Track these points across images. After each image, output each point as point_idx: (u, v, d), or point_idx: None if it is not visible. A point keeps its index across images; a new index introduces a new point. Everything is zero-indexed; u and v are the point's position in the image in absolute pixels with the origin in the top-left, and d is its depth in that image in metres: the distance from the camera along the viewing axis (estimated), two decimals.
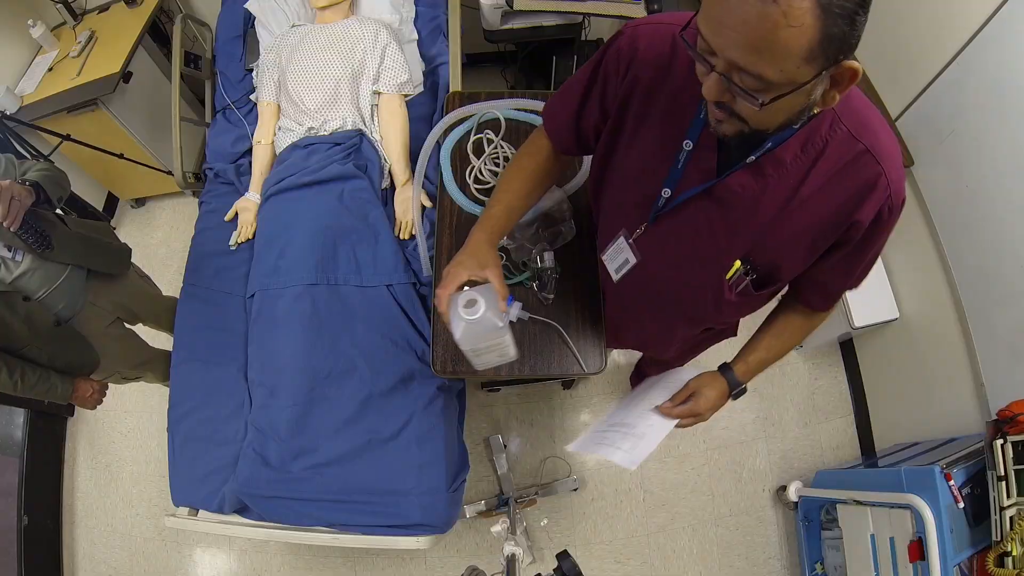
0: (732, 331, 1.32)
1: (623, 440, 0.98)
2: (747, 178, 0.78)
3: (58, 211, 1.47)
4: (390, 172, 1.89)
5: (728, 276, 0.90)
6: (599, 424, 1.10)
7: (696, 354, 1.42)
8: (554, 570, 0.92)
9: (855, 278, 0.91)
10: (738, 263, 0.88)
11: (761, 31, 0.54)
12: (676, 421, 1.03)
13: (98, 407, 1.60)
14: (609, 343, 1.40)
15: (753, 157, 0.75)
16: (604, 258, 1.07)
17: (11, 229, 1.19)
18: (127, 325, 1.75)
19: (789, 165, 0.75)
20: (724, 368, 1.05)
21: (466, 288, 0.92)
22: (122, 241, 1.70)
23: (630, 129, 0.89)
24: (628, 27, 0.84)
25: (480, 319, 0.87)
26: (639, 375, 2.21)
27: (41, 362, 1.41)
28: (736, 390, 1.05)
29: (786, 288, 0.99)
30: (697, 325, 1.16)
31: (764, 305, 1.03)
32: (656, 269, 0.99)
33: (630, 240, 0.99)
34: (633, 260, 1.00)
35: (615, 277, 1.06)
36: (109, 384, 1.65)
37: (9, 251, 1.31)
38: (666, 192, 0.86)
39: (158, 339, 1.93)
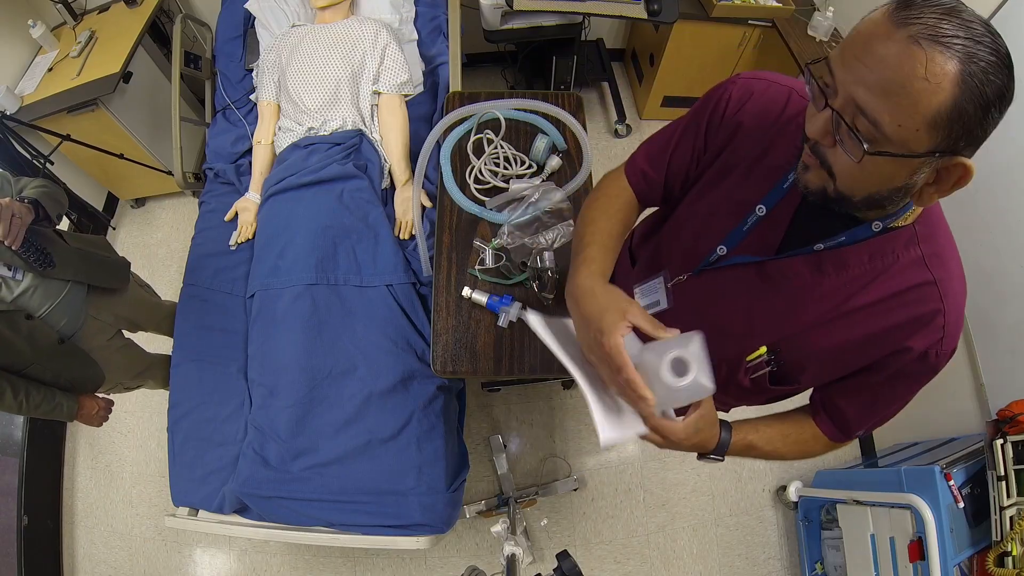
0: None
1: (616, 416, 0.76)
2: (804, 268, 0.74)
3: (55, 228, 1.46)
4: (390, 172, 1.90)
5: (749, 358, 0.84)
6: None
7: None
8: (554, 570, 0.92)
9: (873, 418, 0.82)
10: (763, 349, 0.82)
11: (896, 73, 0.51)
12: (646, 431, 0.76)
13: (103, 424, 1.59)
14: None
15: (820, 246, 0.71)
16: (636, 290, 1.01)
17: (12, 247, 1.18)
18: (128, 334, 1.75)
19: (851, 269, 0.71)
20: (723, 425, 0.83)
21: (641, 343, 0.70)
22: (120, 255, 1.70)
23: (709, 178, 0.84)
24: (741, 79, 0.80)
25: (689, 385, 0.65)
26: None
27: (46, 380, 1.40)
28: (715, 452, 0.82)
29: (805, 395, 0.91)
30: None
31: (766, 403, 0.97)
32: (683, 322, 0.88)
33: (668, 284, 0.94)
34: (664, 304, 0.95)
35: None
36: (113, 399, 1.65)
37: (9, 270, 1.29)
38: (721, 250, 0.82)
39: (155, 342, 1.93)
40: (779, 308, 0.79)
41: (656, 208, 1.04)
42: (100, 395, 1.58)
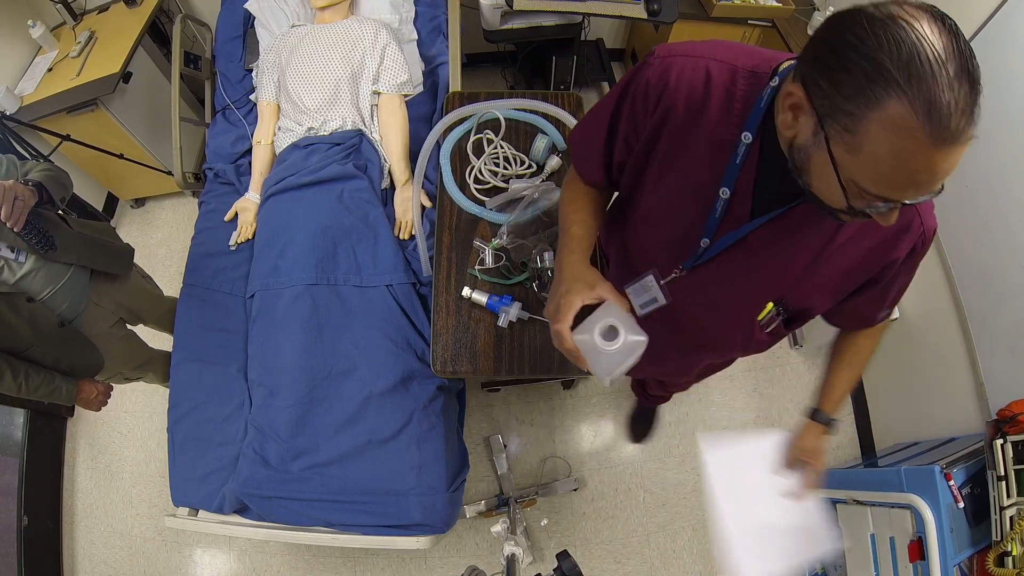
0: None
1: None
2: (781, 226, 0.77)
3: (60, 212, 1.47)
4: (390, 172, 1.89)
5: (760, 317, 0.91)
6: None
7: (709, 375, 1.40)
8: (554, 570, 0.92)
9: (888, 304, 0.92)
10: (770, 305, 0.88)
11: (944, 174, 0.55)
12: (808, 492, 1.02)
13: (101, 409, 1.59)
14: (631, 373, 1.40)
15: (795, 204, 0.74)
16: (628, 291, 1.02)
17: (14, 230, 1.19)
18: (129, 326, 1.75)
19: (830, 223, 0.74)
20: (814, 413, 1.05)
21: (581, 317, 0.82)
22: (124, 241, 1.70)
23: (658, 168, 0.84)
24: (656, 57, 0.78)
25: (624, 344, 0.78)
26: (642, 387, 2.22)
27: (46, 364, 1.41)
28: (832, 425, 1.04)
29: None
30: (723, 358, 1.18)
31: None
32: (687, 311, 0.97)
33: (661, 282, 0.95)
34: (663, 301, 0.97)
35: (639, 312, 1.02)
36: (112, 385, 1.65)
37: (12, 252, 1.31)
38: (704, 242, 0.84)
39: (158, 340, 1.93)
40: (773, 268, 0.82)
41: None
42: (99, 381, 1.58)
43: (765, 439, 1.08)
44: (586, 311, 0.81)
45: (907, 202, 0.58)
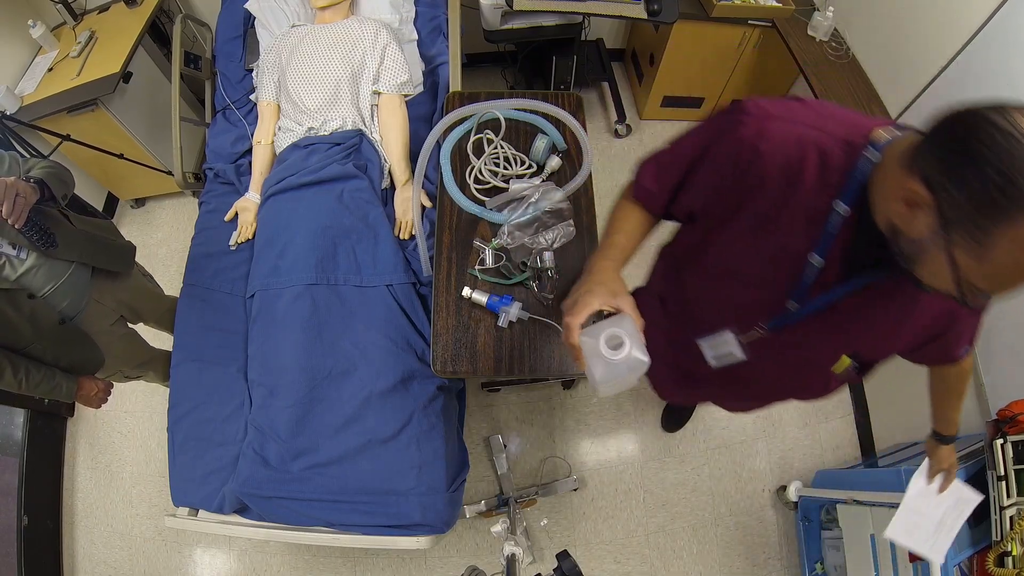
0: None
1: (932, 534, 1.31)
2: (869, 292, 0.79)
3: (61, 209, 1.47)
4: (390, 172, 1.89)
5: (836, 369, 0.94)
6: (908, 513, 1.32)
7: None
8: (554, 570, 0.91)
9: (967, 342, 0.95)
10: (847, 360, 0.92)
11: None
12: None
13: (101, 406, 1.59)
14: (671, 399, 1.46)
15: (879, 276, 0.76)
16: (703, 344, 1.04)
17: (16, 227, 1.19)
18: (129, 325, 1.75)
19: (909, 282, 0.74)
20: (941, 438, 1.23)
21: (594, 320, 0.84)
22: (126, 239, 1.70)
23: (745, 230, 0.84)
24: (751, 116, 0.77)
25: (626, 357, 0.78)
26: (671, 414, 2.26)
27: (46, 361, 1.41)
28: (956, 440, 1.24)
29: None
30: (792, 399, 1.23)
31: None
32: (764, 367, 1.00)
33: (741, 339, 0.97)
34: (740, 357, 0.99)
35: (713, 364, 1.05)
36: (113, 383, 1.65)
37: (13, 249, 1.31)
38: (793, 305, 0.85)
39: (159, 339, 1.93)
40: (857, 330, 0.85)
41: (672, 232, 1.11)
42: (99, 378, 1.58)
43: (920, 479, 1.33)
44: (602, 318, 0.83)
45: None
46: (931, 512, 1.31)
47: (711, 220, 0.89)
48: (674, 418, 2.24)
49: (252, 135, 2.03)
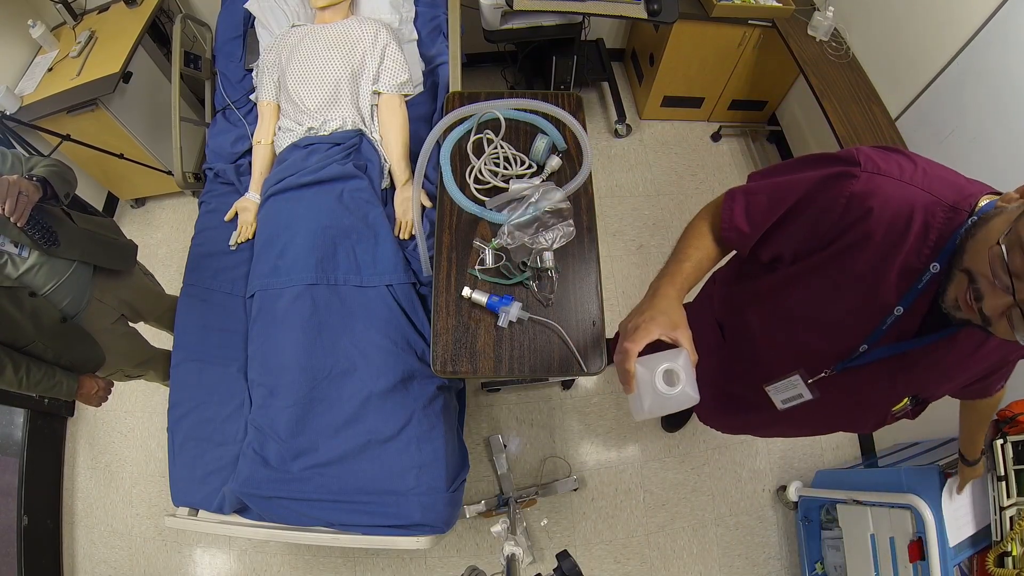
0: None
1: None
2: (940, 344, 0.82)
3: (63, 207, 1.47)
4: (390, 172, 1.89)
5: (895, 409, 0.98)
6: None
7: None
8: (554, 570, 0.91)
9: (1003, 378, 0.99)
10: (907, 400, 0.96)
11: None
12: None
13: (102, 404, 1.59)
14: (714, 426, 1.50)
15: (955, 328, 0.79)
16: (772, 388, 1.05)
17: (18, 225, 1.19)
18: (130, 324, 1.75)
19: (978, 332, 0.76)
20: (965, 460, 1.38)
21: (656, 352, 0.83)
22: (128, 238, 1.71)
23: (834, 281, 0.84)
24: (863, 171, 0.77)
25: (679, 394, 0.79)
26: (671, 416, 2.25)
27: (47, 359, 1.41)
28: (980, 461, 1.38)
29: None
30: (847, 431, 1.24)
31: None
32: (828, 406, 1.01)
33: (808, 381, 0.99)
34: (808, 397, 1.00)
35: (780, 407, 1.06)
36: (113, 382, 1.65)
37: (15, 247, 1.31)
38: (863, 348, 0.88)
39: (159, 338, 1.93)
40: (922, 376, 0.88)
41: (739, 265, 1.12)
42: (100, 377, 1.58)
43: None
44: (655, 347, 0.82)
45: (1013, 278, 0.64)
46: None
47: (797, 266, 0.89)
48: (674, 419, 2.24)
49: (252, 135, 2.02)
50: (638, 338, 0.80)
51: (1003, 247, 0.63)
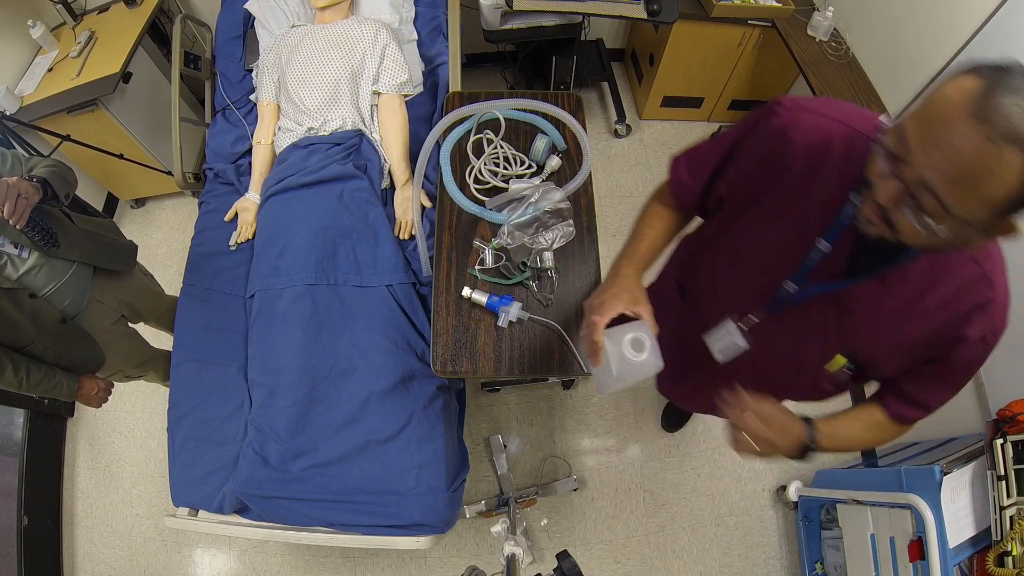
0: None
1: None
2: (871, 288, 0.80)
3: (64, 208, 1.47)
4: (390, 172, 1.89)
5: (829, 367, 0.92)
6: None
7: None
8: (554, 570, 0.91)
9: (940, 395, 0.89)
10: (842, 359, 0.90)
11: (971, 167, 0.54)
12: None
13: (102, 405, 1.59)
14: (668, 395, 1.48)
15: (885, 268, 0.77)
16: (708, 339, 1.06)
17: (17, 227, 1.19)
18: (130, 324, 1.75)
19: (914, 281, 0.77)
20: (808, 421, 0.93)
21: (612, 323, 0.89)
22: (128, 239, 1.71)
23: (763, 214, 0.87)
24: (785, 108, 0.82)
25: (645, 360, 0.85)
26: (670, 414, 2.25)
27: (47, 359, 1.41)
28: (810, 448, 0.91)
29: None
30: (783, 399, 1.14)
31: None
32: (762, 356, 1.00)
33: (742, 327, 0.99)
34: (743, 346, 1.00)
35: (719, 358, 1.06)
36: (113, 383, 1.65)
37: (15, 248, 1.31)
38: (791, 287, 0.87)
39: (159, 339, 1.93)
40: (852, 325, 0.85)
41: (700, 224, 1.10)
42: (100, 377, 1.58)
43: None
44: (619, 322, 0.88)
45: (908, 159, 0.60)
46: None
47: (732, 207, 0.92)
48: (673, 418, 2.24)
49: (252, 135, 2.02)
50: (604, 311, 0.87)
51: (886, 137, 0.63)
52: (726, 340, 1.02)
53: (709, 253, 1.03)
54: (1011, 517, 1.35)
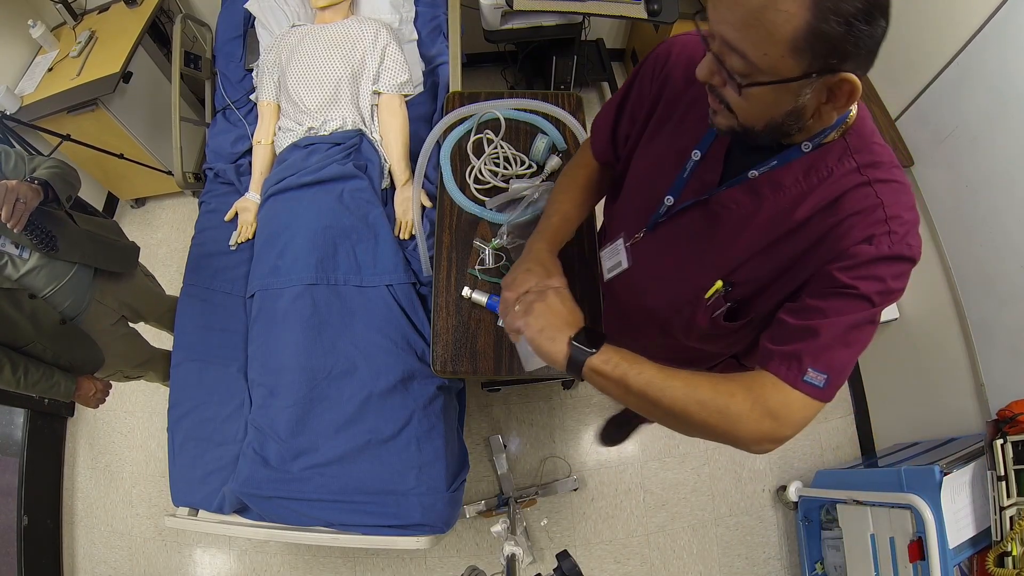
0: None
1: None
2: (743, 195, 0.77)
3: (68, 207, 1.47)
4: (390, 172, 1.89)
5: (707, 295, 0.84)
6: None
7: None
8: (554, 570, 0.91)
9: (828, 351, 0.67)
10: (719, 283, 0.83)
11: (749, 8, 0.56)
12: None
13: (99, 406, 1.59)
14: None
15: (755, 172, 0.74)
16: (601, 255, 1.08)
17: (15, 231, 1.19)
18: (130, 324, 1.75)
19: (787, 189, 0.73)
20: (588, 332, 0.76)
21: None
22: (130, 240, 1.71)
23: (650, 133, 0.89)
24: (673, 36, 0.86)
25: None
26: (608, 430, 2.21)
27: (46, 359, 1.41)
28: (575, 360, 0.73)
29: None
30: (668, 343, 1.02)
31: (727, 345, 0.96)
32: (643, 276, 1.00)
33: (627, 244, 1.00)
34: (625, 264, 1.01)
35: (606, 276, 1.08)
36: (112, 383, 1.65)
37: (16, 248, 1.31)
38: (668, 200, 0.87)
39: (159, 338, 1.93)
40: (727, 240, 0.81)
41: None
42: (98, 378, 1.58)
43: None
44: None
45: (706, 36, 0.64)
46: None
47: (634, 141, 0.94)
48: (615, 431, 2.20)
49: (252, 135, 2.02)
50: (515, 286, 0.86)
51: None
52: (614, 259, 1.03)
53: (617, 189, 1.04)
54: (1011, 517, 1.36)
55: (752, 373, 0.72)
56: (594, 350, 0.73)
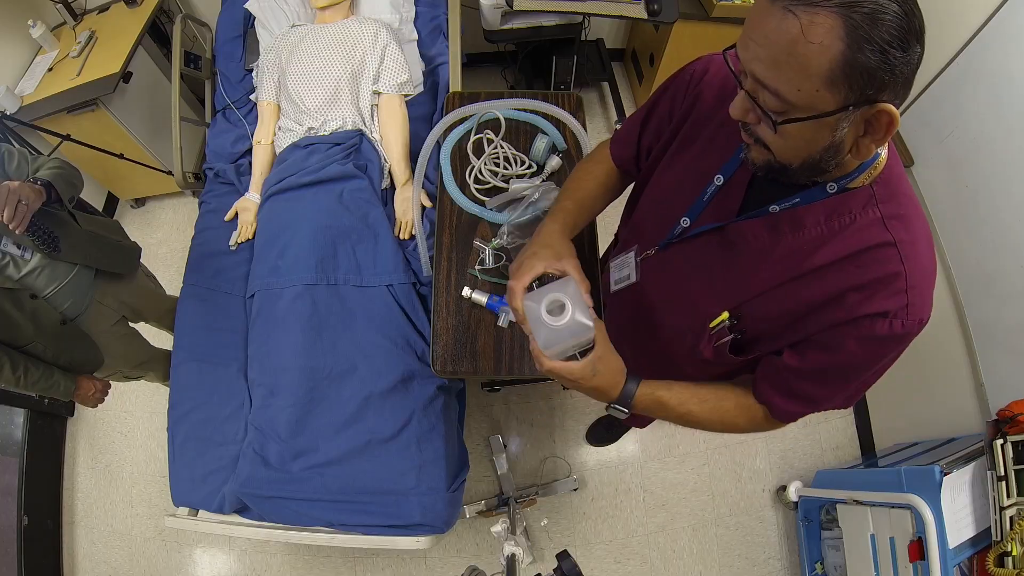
0: None
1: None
2: (762, 229, 0.75)
3: (71, 207, 1.46)
4: (390, 172, 1.90)
5: (712, 325, 0.83)
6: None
7: None
8: (554, 570, 0.91)
9: (823, 389, 0.77)
10: (726, 315, 0.81)
11: (780, 44, 0.54)
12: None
13: (99, 406, 1.60)
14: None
15: (776, 207, 0.72)
16: (611, 264, 1.06)
17: (17, 232, 1.19)
18: (131, 324, 1.75)
19: (808, 230, 0.70)
20: (631, 377, 0.82)
21: (536, 285, 0.80)
22: (132, 240, 1.70)
23: (674, 150, 0.88)
24: (704, 57, 0.83)
25: (568, 324, 0.74)
26: (596, 429, 2.20)
27: (46, 359, 1.42)
28: (618, 402, 0.81)
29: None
30: (665, 366, 1.01)
31: (726, 375, 0.94)
32: (650, 294, 0.98)
33: (638, 258, 0.98)
34: (633, 278, 0.99)
35: (612, 287, 1.06)
36: (111, 383, 1.65)
37: (18, 248, 1.31)
38: (685, 222, 0.85)
39: (159, 338, 1.93)
40: (739, 271, 0.79)
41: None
42: (98, 378, 1.58)
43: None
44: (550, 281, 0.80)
45: (738, 73, 0.61)
46: None
47: (657, 154, 0.92)
48: (604, 432, 2.19)
49: (252, 135, 2.02)
50: (521, 273, 0.80)
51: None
52: (624, 271, 1.00)
53: (635, 200, 1.03)
54: (1011, 517, 1.36)
55: (753, 402, 0.84)
56: (635, 389, 0.81)
